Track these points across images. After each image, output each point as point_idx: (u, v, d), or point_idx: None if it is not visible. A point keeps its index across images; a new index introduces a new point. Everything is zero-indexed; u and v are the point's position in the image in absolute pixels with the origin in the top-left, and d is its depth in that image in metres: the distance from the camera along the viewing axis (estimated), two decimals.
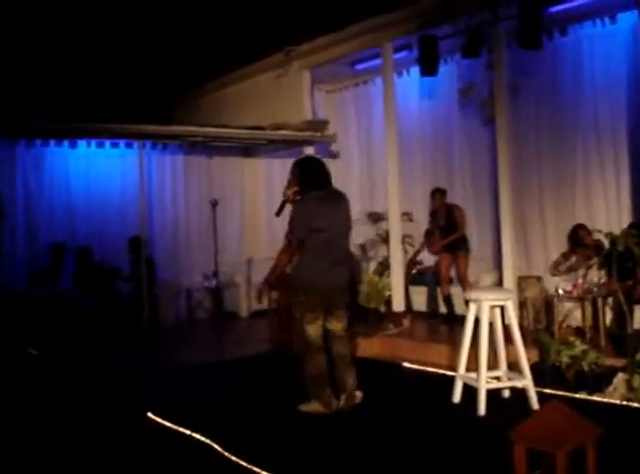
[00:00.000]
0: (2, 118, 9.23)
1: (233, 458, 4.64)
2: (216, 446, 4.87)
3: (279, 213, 6.01)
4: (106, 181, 10.85)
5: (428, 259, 10.21)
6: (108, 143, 10.73)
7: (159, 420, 5.60)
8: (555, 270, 8.55)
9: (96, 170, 10.81)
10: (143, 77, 12.94)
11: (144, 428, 5.53)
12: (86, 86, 12.56)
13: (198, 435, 5.12)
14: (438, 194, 9.65)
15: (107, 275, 10.08)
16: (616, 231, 7.20)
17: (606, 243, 7.19)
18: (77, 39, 12.33)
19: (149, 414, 5.72)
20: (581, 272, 8.00)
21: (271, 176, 12.49)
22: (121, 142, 10.69)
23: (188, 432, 5.23)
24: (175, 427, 5.39)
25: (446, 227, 9.48)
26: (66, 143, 10.46)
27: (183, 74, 12.76)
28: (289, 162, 11.47)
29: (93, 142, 10.64)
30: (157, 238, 11.12)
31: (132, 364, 8.00)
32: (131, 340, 9.33)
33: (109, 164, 10.88)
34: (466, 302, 6.14)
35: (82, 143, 10.58)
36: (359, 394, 5.84)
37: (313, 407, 5.62)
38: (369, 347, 8.26)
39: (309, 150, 10.55)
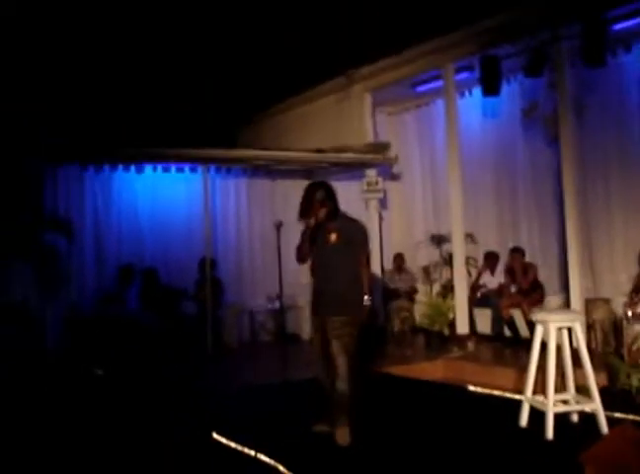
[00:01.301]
0: (72, 145, 9.48)
1: None
2: (281, 467, 4.88)
3: (307, 249, 5.66)
4: (171, 204, 11.02)
5: (490, 281, 10.10)
6: (173, 168, 10.92)
7: (224, 440, 5.64)
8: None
9: (162, 194, 10.99)
10: (208, 102, 13.18)
11: (210, 447, 5.57)
12: (153, 111, 12.85)
13: (262, 456, 5.14)
14: (515, 254, 9.55)
15: (173, 295, 10.22)
16: None
17: None
18: (147, 65, 12.63)
19: (214, 433, 5.76)
20: None
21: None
22: (186, 166, 10.86)
23: (252, 452, 5.25)
24: (240, 447, 5.42)
25: (523, 287, 9.35)
26: (133, 168, 10.67)
27: (247, 98, 12.94)
28: (352, 185, 11.65)
29: (159, 167, 10.84)
30: (221, 260, 11.23)
31: (197, 384, 8.07)
32: (196, 360, 9.43)
33: (174, 188, 11.05)
34: (531, 325, 6.05)
35: (148, 168, 10.79)
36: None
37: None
38: (434, 370, 8.19)
39: (371, 172, 10.58)
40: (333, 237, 5.55)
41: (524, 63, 8.24)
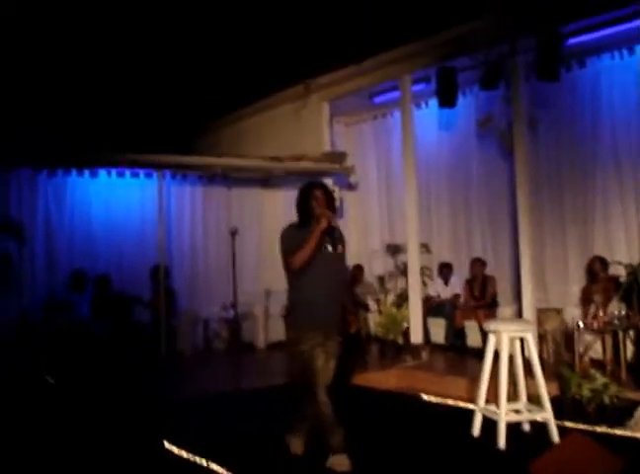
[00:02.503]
0: (25, 148, 9.34)
1: None
2: None
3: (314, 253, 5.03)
4: (125, 210, 10.92)
5: (444, 291, 10.18)
6: (128, 173, 10.81)
7: (175, 449, 5.57)
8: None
9: (116, 199, 10.88)
10: (164, 108, 13.08)
11: (160, 457, 5.50)
12: (107, 117, 12.71)
13: (213, 465, 5.09)
14: (478, 263, 9.72)
15: (125, 303, 10.09)
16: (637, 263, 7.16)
17: (624, 274, 7.14)
18: (101, 70, 12.50)
19: (165, 443, 5.69)
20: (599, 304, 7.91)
21: (289, 207, 12.44)
22: (141, 172, 10.77)
23: (204, 461, 5.20)
24: (191, 456, 5.36)
25: (480, 298, 9.51)
26: (87, 173, 10.54)
27: (203, 106, 12.88)
28: None
29: (113, 172, 10.73)
30: (176, 268, 11.14)
31: (149, 393, 7.97)
32: (148, 368, 9.32)
33: (129, 193, 10.95)
34: (483, 334, 6.09)
35: (103, 173, 10.67)
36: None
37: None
38: (387, 379, 8.20)
39: (327, 182, 10.57)
40: (340, 248, 5.14)
41: (480, 76, 8.33)
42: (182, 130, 13.04)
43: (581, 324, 7.54)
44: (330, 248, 5.05)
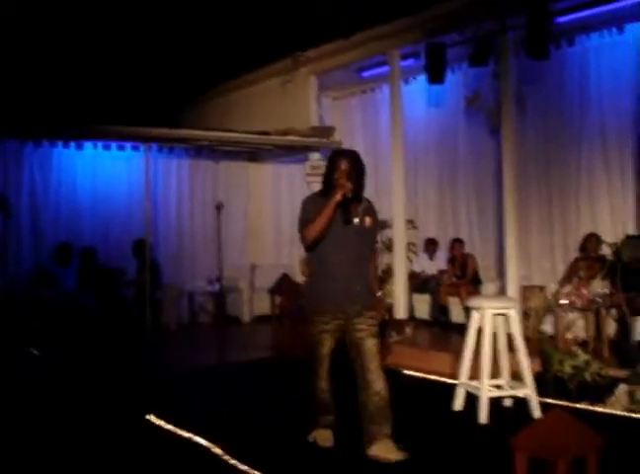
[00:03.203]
0: (10, 119, 9.25)
1: (232, 461, 4.64)
2: (216, 450, 4.87)
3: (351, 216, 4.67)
4: (112, 183, 10.86)
5: (429, 267, 10.23)
6: (114, 145, 10.75)
7: (159, 422, 5.60)
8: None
9: (102, 172, 10.83)
10: (152, 80, 12.98)
11: (144, 430, 5.53)
12: (94, 88, 12.60)
13: (198, 439, 5.12)
14: (457, 243, 9.74)
15: (110, 276, 10.08)
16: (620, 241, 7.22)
17: (609, 253, 7.19)
18: (88, 42, 12.37)
19: (150, 416, 5.72)
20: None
21: (276, 181, 12.51)
22: (128, 145, 10.71)
23: (188, 435, 5.23)
24: (175, 429, 5.39)
25: (462, 276, 9.55)
26: (73, 145, 10.48)
27: (191, 78, 12.78)
28: (295, 168, 11.64)
29: (99, 144, 10.66)
30: (161, 241, 11.13)
31: (134, 366, 7.99)
32: (133, 342, 9.33)
33: (115, 166, 10.89)
34: (467, 310, 6.13)
35: (89, 145, 10.60)
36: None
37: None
38: None
39: (315, 156, 10.57)
40: (368, 220, 4.73)
41: (470, 52, 8.29)
42: (169, 103, 12.95)
43: (564, 301, 7.60)
44: (356, 221, 4.66)
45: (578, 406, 5.84)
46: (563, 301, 7.60)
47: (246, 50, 11.74)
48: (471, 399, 5.70)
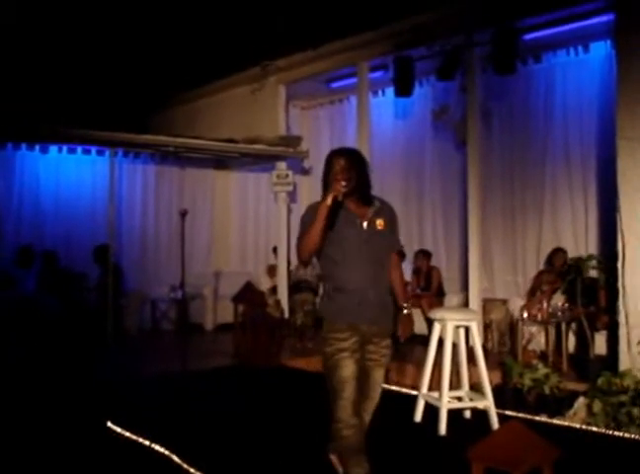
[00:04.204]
0: None
1: (191, 470, 4.60)
2: (175, 458, 4.83)
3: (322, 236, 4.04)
4: (76, 187, 10.78)
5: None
6: (79, 149, 10.66)
7: (118, 429, 5.54)
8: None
9: (66, 176, 10.74)
10: (120, 85, 12.89)
11: (103, 437, 5.46)
12: (60, 91, 12.49)
13: (157, 446, 5.07)
14: (421, 255, 9.74)
15: (71, 280, 9.97)
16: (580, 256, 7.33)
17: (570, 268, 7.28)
18: (55, 45, 12.27)
19: (109, 423, 5.66)
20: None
21: (242, 189, 12.49)
22: (93, 149, 10.63)
23: (147, 442, 5.18)
24: (134, 437, 5.33)
25: (426, 288, 9.57)
26: (38, 148, 10.37)
27: (159, 84, 12.73)
28: (262, 176, 11.60)
29: (64, 148, 10.57)
30: (125, 247, 11.04)
31: (94, 373, 7.91)
32: (94, 347, 9.23)
33: (79, 170, 10.81)
34: (429, 322, 6.16)
35: (53, 148, 10.51)
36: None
37: None
38: None
39: (282, 165, 10.56)
40: (380, 222, 4.14)
41: (437, 66, 8.37)
42: (136, 108, 12.87)
43: (525, 315, 7.68)
44: (364, 224, 4.10)
45: (537, 418, 5.88)
46: (524, 314, 7.67)
47: (215, 58, 11.72)
48: (432, 410, 5.72)
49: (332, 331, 4.06)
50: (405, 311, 4.25)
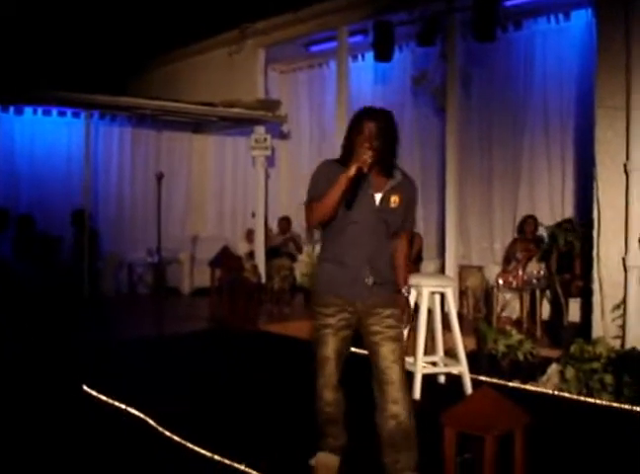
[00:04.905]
0: None
1: (166, 433, 4.62)
2: (150, 421, 4.84)
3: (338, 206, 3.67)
4: (51, 149, 10.66)
5: None
6: (55, 111, 10.52)
7: (94, 393, 5.54)
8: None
9: (41, 138, 10.60)
10: (97, 47, 12.70)
11: (79, 400, 5.47)
12: (36, 52, 12.29)
13: (132, 409, 5.09)
14: None
15: (48, 243, 9.89)
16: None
17: (546, 236, 7.33)
18: (33, 7, 12.05)
19: (84, 386, 5.65)
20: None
21: (220, 153, 12.41)
22: (69, 111, 10.49)
23: (122, 405, 5.19)
24: (110, 400, 5.34)
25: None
26: (12, 109, 10.22)
27: (136, 45, 12.54)
28: (240, 140, 11.53)
29: (39, 109, 10.42)
30: (101, 210, 10.97)
31: (70, 336, 7.89)
32: (71, 311, 9.20)
33: (55, 132, 10.68)
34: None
35: (28, 110, 10.36)
36: None
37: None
38: (307, 328, 8.27)
39: (260, 129, 10.50)
40: (395, 199, 3.76)
41: (418, 32, 8.31)
42: (113, 70, 12.69)
43: (500, 281, 7.74)
44: (377, 198, 3.73)
45: (510, 384, 5.96)
46: (499, 281, 7.73)
47: (193, 20, 11.56)
48: (407, 375, 5.76)
49: (318, 304, 3.82)
50: (404, 293, 3.90)
